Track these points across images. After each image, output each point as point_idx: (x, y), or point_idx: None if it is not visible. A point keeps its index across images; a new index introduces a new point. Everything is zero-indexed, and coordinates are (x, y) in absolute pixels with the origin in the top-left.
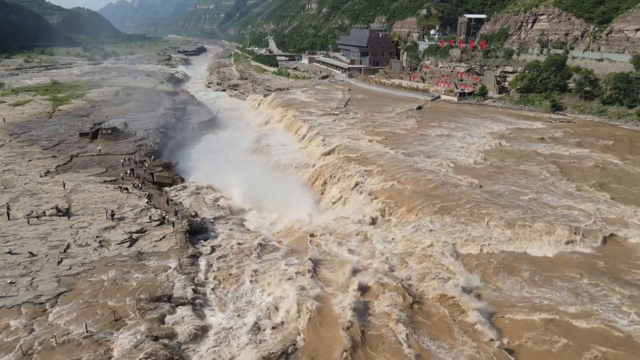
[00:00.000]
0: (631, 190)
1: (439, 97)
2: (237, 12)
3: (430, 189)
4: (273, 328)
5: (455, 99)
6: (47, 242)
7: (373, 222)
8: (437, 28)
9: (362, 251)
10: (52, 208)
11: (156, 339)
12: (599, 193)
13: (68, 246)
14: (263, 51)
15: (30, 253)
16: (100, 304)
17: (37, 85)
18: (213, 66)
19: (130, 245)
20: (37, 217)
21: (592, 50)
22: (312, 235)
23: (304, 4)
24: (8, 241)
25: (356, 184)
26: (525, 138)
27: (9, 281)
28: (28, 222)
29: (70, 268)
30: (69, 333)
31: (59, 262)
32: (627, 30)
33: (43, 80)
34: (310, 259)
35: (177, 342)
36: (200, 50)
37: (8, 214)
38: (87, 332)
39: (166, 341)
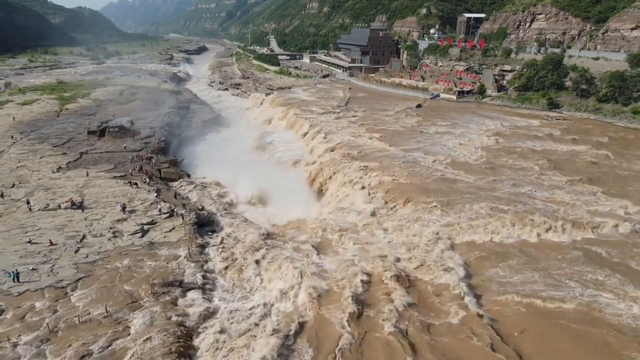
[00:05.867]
0: (621, 184)
1: (438, 95)
2: (238, 11)
3: (427, 183)
4: (278, 311)
5: (454, 97)
6: (64, 233)
7: (373, 214)
8: (437, 27)
9: (362, 241)
10: (66, 201)
11: (170, 318)
12: (590, 187)
13: (84, 236)
14: (264, 50)
15: (50, 242)
16: (117, 288)
17: (43, 84)
18: (215, 65)
19: (142, 236)
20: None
21: (588, 49)
22: (314, 226)
23: (305, 3)
24: (27, 232)
25: (356, 179)
26: (522, 135)
27: (31, 268)
28: (30, 209)
29: (87, 256)
30: (90, 313)
31: (76, 251)
32: (622, 29)
33: (48, 79)
34: (313, 247)
35: (189, 321)
36: (201, 50)
37: (28, 204)
38: (106, 312)
39: (178, 320)
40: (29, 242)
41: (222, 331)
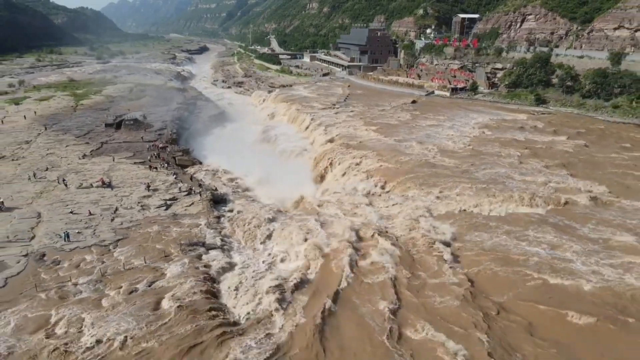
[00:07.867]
0: (589, 168)
1: (433, 92)
2: (239, 12)
3: (417, 167)
4: (285, 264)
5: (448, 94)
6: (99, 206)
7: (367, 193)
8: (433, 27)
9: (359, 215)
10: (97, 181)
11: (197, 268)
12: (560, 170)
13: (116, 209)
14: (265, 50)
15: (89, 212)
16: (151, 247)
17: (55, 82)
18: (217, 64)
19: (167, 209)
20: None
21: (574, 48)
22: (315, 204)
23: (305, 3)
24: (67, 205)
25: (353, 165)
26: (508, 127)
27: (76, 231)
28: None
29: (122, 224)
30: (131, 263)
31: (112, 220)
32: (606, 29)
33: (59, 78)
34: (314, 218)
35: (212, 270)
36: (203, 49)
37: (65, 183)
38: (145, 262)
39: (204, 269)
40: (71, 212)
41: (239, 278)
